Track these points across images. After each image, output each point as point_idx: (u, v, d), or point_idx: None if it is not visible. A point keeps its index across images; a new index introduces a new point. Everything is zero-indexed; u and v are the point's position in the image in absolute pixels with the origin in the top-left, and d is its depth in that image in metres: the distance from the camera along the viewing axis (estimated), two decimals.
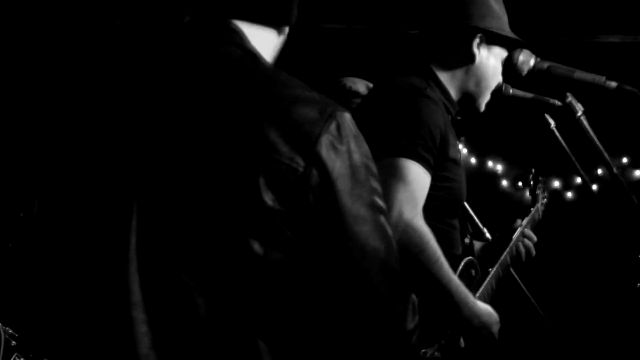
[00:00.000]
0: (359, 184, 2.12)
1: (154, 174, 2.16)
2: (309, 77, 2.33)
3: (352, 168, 2.11)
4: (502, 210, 4.04)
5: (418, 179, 3.23)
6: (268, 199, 2.04)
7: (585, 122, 3.49)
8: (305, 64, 2.23)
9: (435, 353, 3.35)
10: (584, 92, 3.56)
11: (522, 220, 3.88)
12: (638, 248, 4.06)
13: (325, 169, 2.07)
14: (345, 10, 6.48)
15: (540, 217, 4.09)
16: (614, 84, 3.47)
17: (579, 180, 6.50)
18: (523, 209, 4.02)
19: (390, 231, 2.17)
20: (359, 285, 2.11)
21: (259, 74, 2.21)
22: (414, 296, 2.19)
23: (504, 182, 7.19)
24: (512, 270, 3.86)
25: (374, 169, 2.18)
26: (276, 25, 2.34)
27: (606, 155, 3.48)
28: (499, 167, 7.25)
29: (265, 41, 2.32)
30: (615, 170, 3.54)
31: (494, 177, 6.86)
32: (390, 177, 3.17)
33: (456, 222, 3.53)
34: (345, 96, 4.55)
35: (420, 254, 3.16)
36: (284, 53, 2.41)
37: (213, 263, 2.10)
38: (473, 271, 3.60)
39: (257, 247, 2.06)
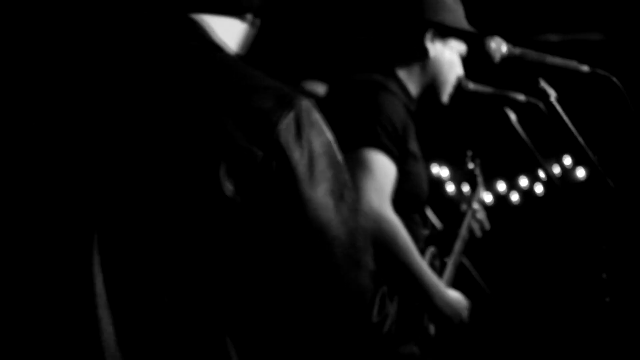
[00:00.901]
0: (318, 172, 2.11)
1: (114, 170, 2.15)
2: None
3: (311, 156, 2.11)
4: (449, 215, 4.04)
5: (383, 168, 3.28)
6: (227, 189, 2.05)
7: (558, 107, 3.50)
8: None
9: (414, 348, 3.38)
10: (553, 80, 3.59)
11: (468, 205, 3.94)
12: (602, 239, 4.11)
13: (284, 157, 2.07)
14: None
15: (482, 197, 4.13)
16: (586, 67, 3.52)
17: (524, 182, 6.70)
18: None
19: (354, 220, 2.17)
20: (321, 274, 2.11)
21: (217, 65, 2.21)
22: (384, 287, 2.28)
23: (449, 187, 7.28)
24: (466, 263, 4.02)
25: (338, 157, 2.18)
26: (236, 14, 2.33)
27: (580, 139, 3.52)
28: (445, 171, 7.28)
29: (228, 30, 2.31)
30: (591, 155, 3.59)
31: (440, 182, 6.96)
32: (356, 169, 3.20)
33: (417, 217, 3.56)
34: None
35: (392, 243, 3.21)
36: None
37: (177, 258, 2.09)
38: (437, 262, 3.64)
39: (220, 238, 2.07)
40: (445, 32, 3.57)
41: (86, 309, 2.11)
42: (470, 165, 4.19)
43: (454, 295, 3.49)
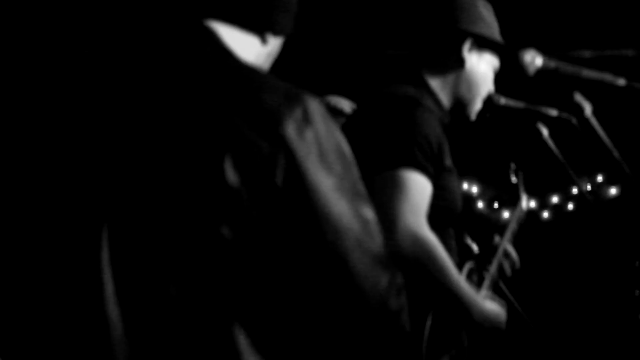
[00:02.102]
0: (327, 166, 2.12)
1: (124, 164, 2.16)
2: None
3: (320, 150, 2.12)
4: (479, 232, 4.00)
5: (419, 188, 3.27)
6: (233, 181, 2.05)
7: (594, 120, 3.48)
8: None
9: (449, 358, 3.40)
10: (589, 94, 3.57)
11: (500, 236, 3.88)
12: (637, 255, 4.07)
13: (291, 151, 2.08)
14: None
15: (524, 213, 4.05)
16: (622, 81, 3.53)
17: (555, 199, 6.68)
18: (499, 230, 3.97)
19: (369, 213, 2.16)
20: (334, 265, 2.10)
21: (226, 67, 2.25)
22: (399, 277, 2.17)
23: (480, 204, 7.33)
24: (502, 285, 3.87)
25: (348, 154, 2.18)
26: (253, 30, 2.36)
27: (616, 153, 3.50)
28: (475, 189, 7.38)
29: (243, 45, 2.34)
30: (627, 169, 3.56)
31: (470, 199, 6.95)
32: (392, 189, 3.23)
33: (452, 231, 3.55)
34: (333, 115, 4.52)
35: (430, 262, 3.21)
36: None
37: (184, 251, 2.09)
38: (474, 276, 3.63)
39: (226, 232, 2.06)
40: (482, 44, 3.55)
41: (95, 302, 2.12)
42: (514, 179, 4.10)
43: (492, 308, 3.48)
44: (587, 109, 3.50)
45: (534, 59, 3.53)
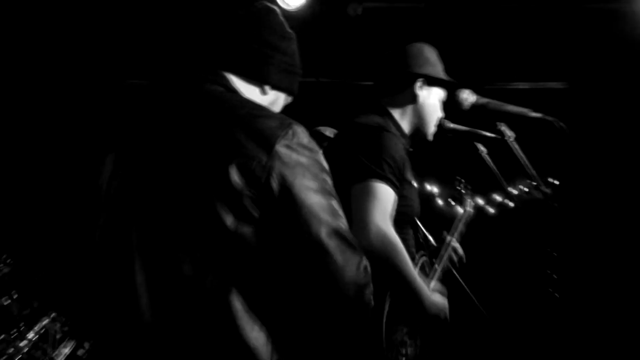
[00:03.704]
0: (310, 173, 2.18)
1: (152, 174, 2.24)
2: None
3: (306, 161, 2.19)
4: (439, 223, 4.02)
5: (388, 196, 3.24)
6: (237, 183, 2.11)
7: (515, 145, 3.51)
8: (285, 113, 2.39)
9: (405, 337, 3.34)
10: (511, 122, 3.60)
11: (450, 234, 3.92)
12: (547, 244, 4.08)
13: (284, 161, 2.15)
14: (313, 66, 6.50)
15: (469, 216, 4.12)
16: (536, 114, 3.54)
17: (499, 197, 6.61)
18: (453, 222, 4.05)
19: (338, 209, 2.22)
20: (316, 250, 2.14)
21: (234, 100, 2.31)
22: (365, 260, 2.21)
23: (439, 201, 7.07)
24: (453, 270, 3.86)
25: (323, 164, 2.24)
26: (253, 80, 2.45)
27: (533, 171, 3.52)
28: (436, 189, 7.13)
29: (247, 91, 2.43)
30: (540, 182, 3.58)
31: (431, 197, 6.74)
32: (366, 196, 3.20)
33: (410, 231, 3.52)
34: (319, 139, 4.58)
35: (394, 258, 3.16)
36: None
37: (196, 236, 2.14)
38: (427, 267, 3.60)
39: (229, 222, 2.11)
40: (430, 82, 3.55)
41: (126, 277, 2.19)
42: (459, 187, 4.20)
43: (437, 298, 3.45)
44: (510, 136, 3.54)
45: (468, 97, 3.58)
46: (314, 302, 2.23)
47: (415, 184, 3.52)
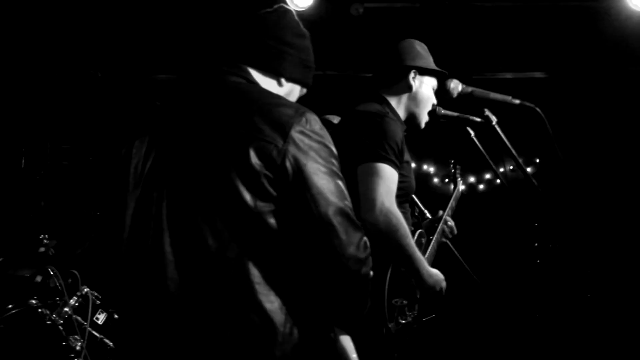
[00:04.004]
0: (320, 156, 2.20)
1: (178, 163, 2.25)
2: None
3: (317, 146, 2.20)
4: (434, 200, 4.10)
5: (392, 176, 3.26)
6: (256, 164, 2.14)
7: (498, 129, 3.52)
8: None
9: (404, 301, 3.37)
10: (496, 108, 3.57)
11: (443, 211, 3.91)
12: (533, 219, 4.21)
13: (298, 146, 2.17)
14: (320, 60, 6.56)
15: (460, 194, 4.12)
16: (517, 100, 3.53)
17: (488, 175, 6.59)
18: (447, 198, 4.04)
19: (344, 190, 2.23)
20: (323, 226, 2.16)
21: (254, 91, 2.33)
22: (365, 237, 2.23)
23: (435, 180, 7.01)
24: (448, 242, 3.91)
25: (335, 154, 2.26)
26: (270, 73, 2.46)
27: (514, 152, 3.52)
28: (432, 169, 7.08)
29: (265, 83, 2.44)
30: (521, 163, 3.59)
31: (428, 176, 6.78)
32: (372, 176, 3.23)
33: (408, 206, 3.54)
34: (327, 126, 4.50)
35: (396, 232, 3.19)
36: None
37: (219, 212, 2.16)
38: (423, 239, 3.63)
39: (249, 199, 2.13)
40: (422, 72, 3.59)
41: (157, 246, 2.22)
42: (452, 169, 4.23)
43: (434, 270, 3.45)
44: (493, 120, 3.52)
45: (456, 86, 3.58)
46: (320, 272, 2.22)
47: (412, 164, 3.54)
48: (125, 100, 6.72)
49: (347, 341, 2.35)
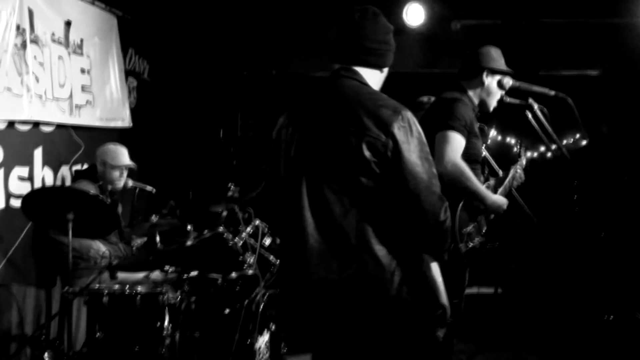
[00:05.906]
0: (414, 147, 2.18)
1: (313, 149, 2.26)
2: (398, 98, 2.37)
3: (411, 138, 2.18)
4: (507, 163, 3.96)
5: (458, 140, 3.33)
6: (367, 154, 2.15)
7: (540, 114, 3.55)
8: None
9: (471, 231, 3.40)
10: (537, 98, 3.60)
11: (514, 167, 3.85)
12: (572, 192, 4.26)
13: (396, 139, 2.16)
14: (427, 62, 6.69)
15: (524, 165, 3.97)
16: (552, 92, 3.58)
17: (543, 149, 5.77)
18: (513, 163, 3.91)
19: (434, 171, 2.21)
20: (415, 196, 2.17)
21: (365, 93, 2.29)
22: (446, 203, 2.24)
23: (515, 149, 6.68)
24: (513, 191, 3.83)
25: (424, 142, 2.23)
26: (374, 67, 2.40)
27: (554, 135, 3.54)
28: (512, 140, 6.29)
29: (372, 77, 2.40)
30: (562, 145, 3.61)
31: (509, 145, 6.12)
32: (443, 139, 3.30)
33: (478, 166, 3.57)
34: (420, 106, 4.60)
35: (461, 176, 3.27)
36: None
37: (343, 187, 2.18)
38: (491, 182, 3.66)
39: (364, 179, 2.16)
40: (493, 72, 3.61)
41: (299, 214, 2.25)
42: (517, 148, 4.09)
43: (499, 197, 3.50)
44: (536, 106, 3.56)
45: (508, 82, 3.61)
46: (414, 227, 2.23)
47: (480, 137, 3.55)
48: (290, 91, 6.71)
49: (435, 267, 2.35)
